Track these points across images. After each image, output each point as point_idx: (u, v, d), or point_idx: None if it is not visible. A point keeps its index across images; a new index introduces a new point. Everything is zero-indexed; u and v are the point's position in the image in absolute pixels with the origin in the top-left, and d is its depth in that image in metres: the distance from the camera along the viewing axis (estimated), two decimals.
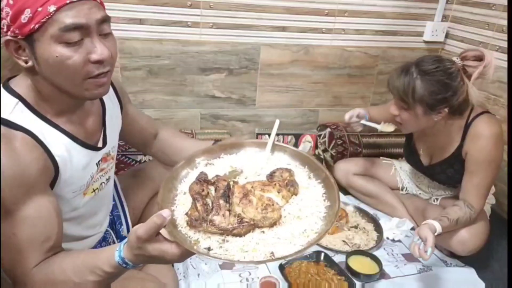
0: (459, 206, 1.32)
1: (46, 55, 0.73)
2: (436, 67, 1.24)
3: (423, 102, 1.26)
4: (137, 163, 1.66)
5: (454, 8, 2.00)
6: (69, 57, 0.74)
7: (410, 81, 1.25)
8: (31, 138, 0.77)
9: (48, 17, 0.70)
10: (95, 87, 0.80)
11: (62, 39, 0.72)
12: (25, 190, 0.74)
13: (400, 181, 1.72)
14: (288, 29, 1.86)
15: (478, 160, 1.31)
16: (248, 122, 2.04)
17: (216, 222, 0.70)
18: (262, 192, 0.76)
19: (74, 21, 0.72)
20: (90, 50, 0.75)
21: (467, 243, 1.34)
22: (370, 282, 1.30)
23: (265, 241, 0.68)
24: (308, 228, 0.71)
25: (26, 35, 0.72)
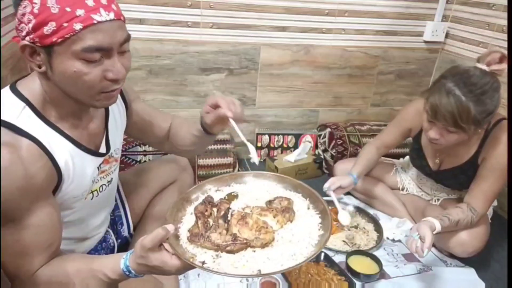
0: (462, 208, 1.31)
1: (63, 67, 0.73)
2: (483, 86, 1.16)
3: (477, 122, 1.18)
4: (137, 163, 1.66)
5: (454, 8, 2.00)
6: (86, 74, 0.74)
7: (463, 105, 1.15)
8: (37, 147, 0.76)
9: (72, 34, 0.70)
10: (105, 99, 0.81)
11: (82, 56, 0.72)
12: (31, 198, 0.75)
13: (400, 181, 1.72)
14: (288, 29, 1.86)
15: (493, 166, 1.28)
16: (248, 122, 2.04)
17: (212, 238, 0.77)
18: (259, 215, 0.83)
19: (97, 44, 0.72)
20: (107, 68, 0.76)
21: (467, 245, 1.34)
22: (370, 282, 1.30)
23: (255, 259, 0.74)
24: (297, 252, 0.75)
25: (45, 46, 0.72)
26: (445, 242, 1.38)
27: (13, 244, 0.74)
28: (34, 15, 0.70)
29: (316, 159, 1.97)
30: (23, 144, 0.74)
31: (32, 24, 0.70)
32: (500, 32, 1.73)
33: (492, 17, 1.78)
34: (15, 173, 0.71)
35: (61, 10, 0.68)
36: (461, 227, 1.31)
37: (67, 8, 0.69)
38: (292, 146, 2.08)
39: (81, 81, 0.74)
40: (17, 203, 0.72)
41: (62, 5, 0.69)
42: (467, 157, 1.37)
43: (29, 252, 0.75)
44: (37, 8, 0.69)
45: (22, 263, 0.75)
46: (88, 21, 0.70)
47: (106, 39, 0.72)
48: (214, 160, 1.78)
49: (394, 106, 2.21)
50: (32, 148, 0.75)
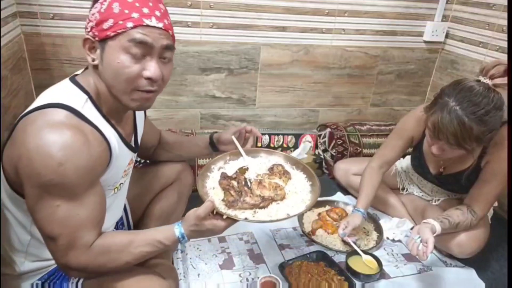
0: (462, 210, 1.30)
1: (110, 58, 0.84)
2: (486, 106, 1.12)
3: (479, 140, 1.16)
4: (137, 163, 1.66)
5: (454, 8, 2.00)
6: (127, 66, 0.84)
7: (465, 126, 1.12)
8: (99, 134, 0.86)
9: (124, 30, 0.82)
10: (140, 99, 0.89)
11: (128, 50, 0.83)
12: (92, 177, 0.84)
13: (400, 181, 1.72)
14: (288, 29, 1.86)
15: (496, 170, 1.28)
16: (248, 122, 2.04)
17: (248, 200, 0.99)
18: (270, 179, 1.08)
19: (142, 38, 0.83)
20: (146, 67, 0.85)
21: (464, 246, 1.34)
22: (370, 282, 1.30)
23: (281, 209, 1.00)
24: (305, 198, 1.05)
25: (102, 39, 0.83)
26: (444, 243, 1.38)
27: (73, 217, 0.81)
28: (100, 13, 0.83)
29: (316, 159, 1.97)
30: (88, 129, 0.84)
31: (96, 20, 0.83)
32: (500, 32, 1.73)
33: (492, 17, 1.78)
34: (83, 152, 0.79)
35: (120, 11, 0.82)
36: (461, 229, 1.31)
37: (125, 10, 0.82)
38: (292, 145, 2.08)
39: (121, 73, 0.84)
40: (82, 180, 0.81)
41: (123, 8, 0.82)
42: (470, 162, 1.35)
43: (87, 225, 0.84)
44: (104, 8, 0.83)
45: (80, 235, 0.83)
46: (139, 22, 0.82)
47: (150, 38, 0.84)
48: None
49: (394, 106, 2.21)
50: (96, 134, 0.85)
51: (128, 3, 0.83)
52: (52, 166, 0.76)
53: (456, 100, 1.14)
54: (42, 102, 0.82)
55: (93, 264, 0.86)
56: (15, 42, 1.49)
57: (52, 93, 0.87)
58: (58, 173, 0.76)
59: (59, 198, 0.79)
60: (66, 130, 0.78)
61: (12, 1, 1.50)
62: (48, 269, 0.97)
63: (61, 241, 0.82)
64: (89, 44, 0.86)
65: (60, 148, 0.76)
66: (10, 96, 1.38)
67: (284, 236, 1.52)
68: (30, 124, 0.79)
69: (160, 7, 0.87)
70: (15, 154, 0.79)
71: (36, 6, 1.56)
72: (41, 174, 0.76)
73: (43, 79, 1.67)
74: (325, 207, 1.69)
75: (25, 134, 0.78)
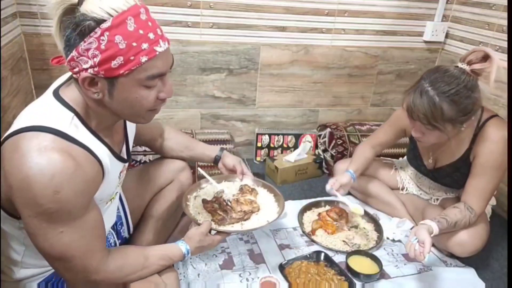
0: (459, 208, 1.31)
1: (125, 95, 0.80)
2: (456, 86, 1.17)
3: (453, 121, 1.20)
4: (137, 163, 1.66)
5: (454, 8, 2.00)
6: (146, 98, 0.82)
7: (436, 105, 1.17)
8: (90, 154, 0.82)
9: (137, 67, 0.76)
10: (150, 116, 0.89)
11: (144, 83, 0.80)
12: (89, 198, 0.82)
13: (400, 181, 1.72)
14: (288, 29, 1.86)
15: (485, 163, 1.29)
16: (248, 122, 2.05)
17: (234, 216, 1.20)
18: (243, 197, 1.30)
19: (160, 71, 0.80)
20: (161, 89, 0.84)
21: (466, 245, 1.34)
22: (370, 282, 1.30)
23: (261, 218, 1.22)
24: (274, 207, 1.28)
25: (111, 77, 0.77)
26: (445, 242, 1.38)
27: (80, 239, 0.81)
28: (100, 50, 0.74)
29: (316, 159, 1.97)
30: (78, 152, 0.79)
31: (98, 59, 0.74)
32: (500, 32, 1.73)
33: (492, 17, 1.78)
34: (77, 177, 0.76)
35: (127, 46, 0.74)
36: (460, 228, 1.31)
37: (133, 43, 0.75)
38: (292, 145, 2.08)
39: (140, 104, 0.83)
40: (80, 203, 0.79)
41: (129, 41, 0.74)
42: (459, 154, 1.38)
43: (95, 243, 0.85)
44: (104, 44, 0.73)
45: (92, 252, 0.84)
46: (152, 53, 0.77)
47: (164, 66, 0.81)
48: None
49: (394, 106, 2.21)
50: (87, 155, 0.81)
51: (131, 33, 0.74)
52: (48, 195, 0.72)
53: (429, 81, 1.20)
54: (25, 124, 0.76)
55: (111, 277, 0.89)
56: (15, 42, 1.50)
57: (35, 113, 0.81)
58: (55, 201, 0.73)
59: (61, 225, 0.77)
60: (55, 156, 0.73)
61: (12, 1, 1.50)
62: (45, 274, 0.97)
63: (75, 262, 0.82)
64: (88, 81, 0.78)
65: (52, 176, 0.72)
66: (10, 96, 1.38)
67: (284, 236, 1.52)
68: (15, 151, 0.73)
69: (154, 19, 0.81)
70: (5, 183, 0.76)
71: (36, 6, 1.56)
72: (37, 203, 0.73)
73: (43, 79, 1.67)
74: (325, 207, 1.69)
75: (12, 163, 0.73)
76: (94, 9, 0.72)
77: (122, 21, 0.73)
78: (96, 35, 0.73)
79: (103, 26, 0.72)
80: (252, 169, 2.00)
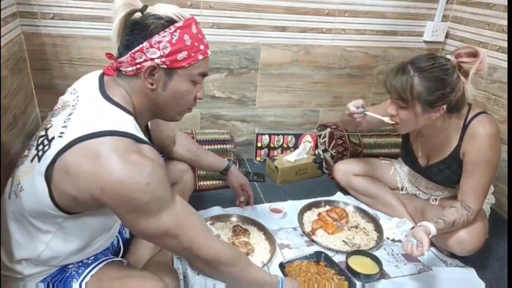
0: (456, 207, 1.31)
1: (179, 86, 0.92)
2: (432, 64, 1.23)
3: (421, 100, 1.24)
4: None
5: (454, 8, 2.00)
6: (191, 92, 0.95)
7: (407, 79, 1.24)
8: (153, 148, 0.89)
9: (196, 62, 0.91)
10: (184, 113, 1.02)
11: (195, 79, 0.93)
12: (169, 184, 0.89)
13: (400, 181, 1.72)
14: (288, 29, 1.86)
15: (475, 160, 1.31)
16: (248, 122, 2.05)
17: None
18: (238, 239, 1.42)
19: (206, 71, 0.96)
20: (199, 89, 0.97)
21: (466, 243, 1.34)
22: (370, 282, 1.30)
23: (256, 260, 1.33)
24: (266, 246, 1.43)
25: (172, 68, 0.89)
26: (445, 241, 1.38)
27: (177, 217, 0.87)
28: (171, 44, 0.87)
29: (316, 159, 1.97)
30: (146, 149, 0.86)
31: (168, 50, 0.87)
32: (500, 32, 1.73)
33: (492, 17, 1.78)
34: (157, 168, 0.83)
35: (192, 44, 0.89)
36: (458, 227, 1.32)
37: (195, 43, 0.90)
38: (292, 145, 2.08)
39: (185, 97, 0.95)
40: (167, 188, 0.86)
41: (193, 40, 0.89)
42: (449, 151, 1.39)
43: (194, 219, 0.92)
44: (176, 39, 0.87)
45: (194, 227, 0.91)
46: (206, 54, 0.93)
47: (207, 68, 0.96)
48: None
49: None
50: (152, 150, 0.88)
51: (194, 35, 0.90)
52: (142, 187, 0.79)
53: (411, 60, 1.28)
54: (93, 129, 0.81)
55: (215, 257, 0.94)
56: (15, 42, 1.50)
57: (97, 118, 0.85)
58: (149, 191, 0.80)
59: (158, 212, 0.83)
60: (135, 156, 0.80)
61: (12, 1, 1.50)
62: (50, 271, 0.97)
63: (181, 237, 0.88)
64: (149, 70, 0.88)
65: (139, 170, 0.79)
66: (10, 96, 1.38)
67: (284, 236, 1.52)
68: (96, 157, 0.78)
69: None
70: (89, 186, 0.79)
71: (36, 6, 1.56)
72: (133, 198, 0.79)
73: (43, 79, 1.67)
74: (325, 207, 1.69)
75: (98, 167, 0.78)
76: (167, 12, 0.88)
77: (189, 24, 0.89)
78: (170, 31, 0.86)
79: (176, 25, 0.87)
80: (252, 169, 2.00)
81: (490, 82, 1.78)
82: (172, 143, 1.39)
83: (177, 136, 1.41)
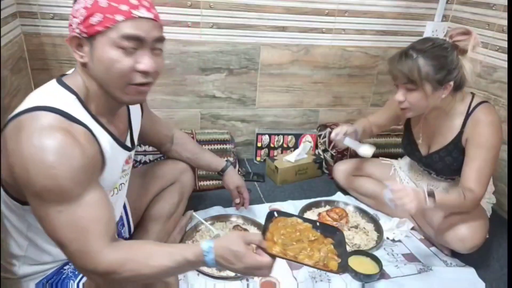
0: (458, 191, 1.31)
1: (101, 54, 0.82)
2: (431, 44, 1.28)
3: (430, 79, 1.27)
4: (138, 163, 1.66)
5: (454, 8, 2.00)
6: (119, 61, 0.82)
7: (413, 61, 1.27)
8: (89, 132, 0.84)
9: (114, 24, 0.80)
10: (135, 93, 0.87)
11: (119, 44, 0.81)
12: (88, 177, 0.81)
13: (400, 181, 1.72)
14: (288, 29, 1.86)
15: (477, 145, 1.32)
16: (248, 122, 2.05)
17: None
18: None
19: (134, 33, 0.81)
20: (139, 60, 0.84)
21: (467, 240, 1.34)
22: (370, 282, 1.30)
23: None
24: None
25: (90, 35, 0.81)
26: (445, 239, 1.38)
27: (78, 220, 0.78)
28: (86, 8, 0.81)
29: (316, 159, 1.97)
30: (79, 130, 0.81)
31: (83, 17, 0.81)
32: (500, 32, 1.73)
33: (492, 17, 1.78)
34: (75, 153, 0.77)
35: (108, 5, 0.80)
36: (456, 208, 1.32)
37: (113, 3, 0.80)
38: (292, 146, 2.08)
39: (114, 68, 0.82)
40: (77, 181, 0.77)
41: (110, 1, 0.80)
42: (451, 137, 1.40)
43: (95, 227, 0.79)
44: (90, 3, 0.80)
45: (89, 238, 0.78)
46: (129, 15, 0.81)
47: (141, 31, 0.82)
48: None
49: None
50: (87, 134, 0.83)
51: None
52: (44, 171, 0.73)
53: (410, 45, 1.32)
54: (29, 105, 0.80)
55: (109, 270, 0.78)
56: (15, 42, 1.50)
57: (39, 95, 0.84)
58: (51, 177, 0.74)
59: (58, 204, 0.76)
60: (56, 134, 0.76)
61: (12, 1, 1.50)
62: (46, 272, 0.97)
63: (73, 247, 0.78)
64: (76, 42, 0.84)
65: (51, 152, 0.74)
66: (10, 96, 1.38)
67: None
68: (19, 131, 0.76)
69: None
70: (9, 162, 0.77)
71: (36, 6, 1.56)
72: (35, 181, 0.74)
73: (43, 79, 1.64)
74: (325, 207, 1.69)
75: (15, 142, 0.76)
76: None
77: None
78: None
79: None
80: (252, 169, 2.00)
81: (490, 82, 1.78)
82: (170, 142, 1.38)
83: (175, 135, 1.39)
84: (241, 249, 0.83)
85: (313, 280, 1.28)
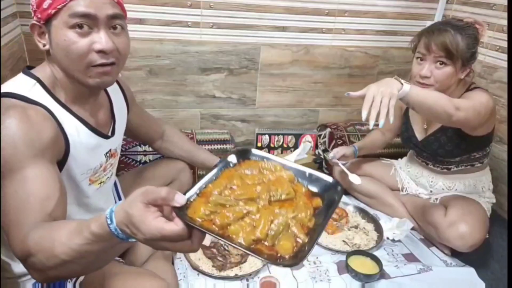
0: None
1: (57, 38, 0.82)
2: (465, 24, 1.33)
3: (463, 56, 1.30)
4: (138, 163, 1.66)
5: (454, 8, 2.00)
6: (75, 42, 0.81)
7: (453, 35, 1.29)
8: (45, 111, 0.83)
9: (63, 5, 0.80)
10: (98, 75, 0.86)
11: (71, 24, 0.81)
12: (33, 152, 0.77)
13: (400, 181, 1.72)
14: (288, 29, 1.86)
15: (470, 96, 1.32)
16: (248, 122, 2.04)
17: (233, 260, 1.30)
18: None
19: (83, 10, 0.80)
20: (95, 40, 0.83)
21: (467, 238, 1.34)
22: (370, 282, 1.30)
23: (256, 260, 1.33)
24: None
25: (45, 20, 0.82)
26: (445, 237, 1.38)
27: (11, 195, 0.74)
28: None
29: (316, 159, 1.97)
30: (31, 107, 0.81)
31: (36, 3, 0.82)
32: (500, 32, 1.73)
33: (492, 17, 1.77)
34: (21, 125, 0.76)
35: None
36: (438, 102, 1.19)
37: None
38: (292, 146, 2.08)
39: (70, 50, 0.82)
40: (19, 152, 0.75)
41: None
42: None
43: (25, 204, 0.73)
44: None
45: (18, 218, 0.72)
46: None
47: (91, 8, 0.81)
48: None
49: None
50: (41, 110, 0.82)
51: None
52: None
53: (440, 22, 1.39)
54: None
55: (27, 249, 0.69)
56: (15, 42, 1.49)
57: (3, 86, 0.86)
58: None
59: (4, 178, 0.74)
60: (7, 112, 0.77)
61: (12, 1, 1.50)
62: None
63: (3, 224, 0.73)
64: (37, 30, 0.85)
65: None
66: None
67: None
68: None
69: None
70: None
71: None
72: None
73: None
74: None
75: None
76: None
77: None
78: None
79: None
80: None
81: (490, 82, 1.78)
82: (160, 138, 1.37)
83: (165, 132, 1.38)
84: (135, 212, 0.57)
85: (313, 280, 1.28)
